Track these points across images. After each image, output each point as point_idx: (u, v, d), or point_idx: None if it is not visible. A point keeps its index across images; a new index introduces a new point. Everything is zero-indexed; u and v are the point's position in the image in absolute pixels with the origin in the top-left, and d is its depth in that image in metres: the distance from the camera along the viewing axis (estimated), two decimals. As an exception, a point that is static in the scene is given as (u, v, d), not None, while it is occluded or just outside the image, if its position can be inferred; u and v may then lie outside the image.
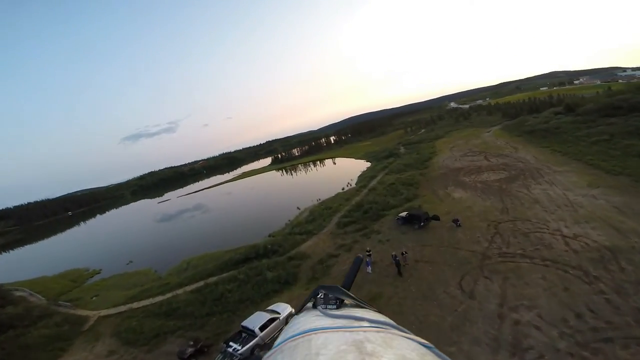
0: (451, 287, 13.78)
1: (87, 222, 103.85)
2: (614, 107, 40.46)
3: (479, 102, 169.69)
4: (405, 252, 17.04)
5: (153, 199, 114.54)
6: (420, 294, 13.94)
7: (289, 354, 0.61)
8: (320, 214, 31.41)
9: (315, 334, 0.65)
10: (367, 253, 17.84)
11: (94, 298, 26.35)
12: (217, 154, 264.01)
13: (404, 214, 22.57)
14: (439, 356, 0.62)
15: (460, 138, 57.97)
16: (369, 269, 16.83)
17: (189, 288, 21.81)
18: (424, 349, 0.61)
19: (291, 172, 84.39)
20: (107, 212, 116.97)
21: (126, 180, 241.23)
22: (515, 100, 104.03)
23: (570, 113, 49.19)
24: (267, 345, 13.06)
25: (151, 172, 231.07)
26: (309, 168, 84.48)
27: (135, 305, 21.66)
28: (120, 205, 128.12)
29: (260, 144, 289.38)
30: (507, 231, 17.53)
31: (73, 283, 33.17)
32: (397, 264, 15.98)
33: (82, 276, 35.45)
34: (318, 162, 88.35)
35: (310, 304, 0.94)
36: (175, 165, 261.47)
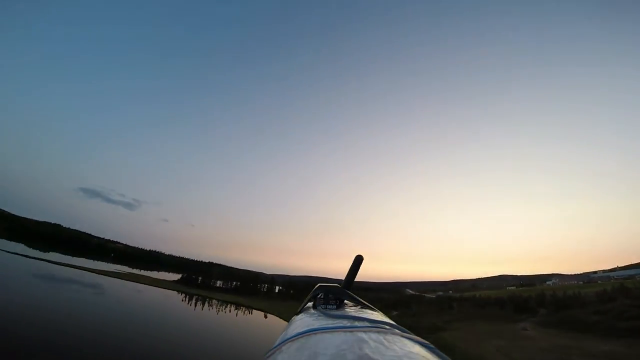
0: None
1: None
2: None
3: (440, 293, 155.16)
4: None
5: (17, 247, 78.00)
6: None
7: (289, 354, 0.60)
8: None
9: (315, 334, 0.63)
10: None
11: None
12: (148, 249, 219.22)
13: None
14: (439, 356, 0.61)
15: (484, 334, 33.81)
16: None
17: None
18: (424, 349, 0.60)
19: (195, 303, 51.17)
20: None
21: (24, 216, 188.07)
22: (498, 295, 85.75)
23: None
24: None
25: (58, 224, 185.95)
26: (224, 310, 51.93)
27: None
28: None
29: (202, 261, 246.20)
30: None
31: None
32: None
33: None
34: (242, 309, 55.41)
35: (310, 304, 0.89)
36: (93, 234, 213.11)
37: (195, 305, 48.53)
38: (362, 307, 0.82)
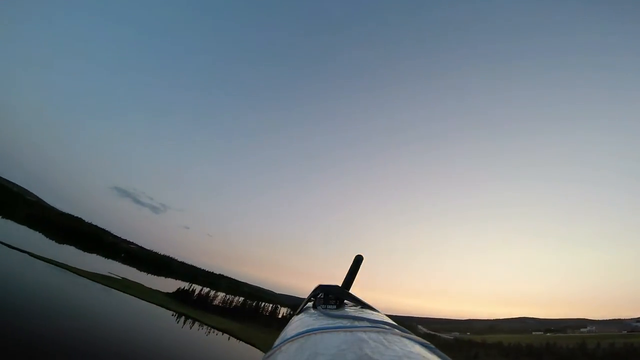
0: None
1: None
2: None
3: (457, 334, 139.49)
4: None
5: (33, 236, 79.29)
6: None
7: (289, 354, 0.59)
8: None
9: (315, 334, 0.62)
10: None
11: None
12: (162, 253, 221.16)
13: None
14: (439, 356, 0.60)
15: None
16: None
17: None
18: (425, 349, 0.59)
19: (183, 321, 46.78)
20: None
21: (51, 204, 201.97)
22: (527, 342, 72.63)
23: None
24: None
25: (80, 218, 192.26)
26: (212, 334, 46.94)
27: None
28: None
29: (213, 272, 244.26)
30: None
31: None
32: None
33: None
34: (231, 337, 49.47)
35: (310, 304, 0.86)
36: (112, 232, 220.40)
37: (183, 325, 43.78)
38: (362, 307, 0.80)
